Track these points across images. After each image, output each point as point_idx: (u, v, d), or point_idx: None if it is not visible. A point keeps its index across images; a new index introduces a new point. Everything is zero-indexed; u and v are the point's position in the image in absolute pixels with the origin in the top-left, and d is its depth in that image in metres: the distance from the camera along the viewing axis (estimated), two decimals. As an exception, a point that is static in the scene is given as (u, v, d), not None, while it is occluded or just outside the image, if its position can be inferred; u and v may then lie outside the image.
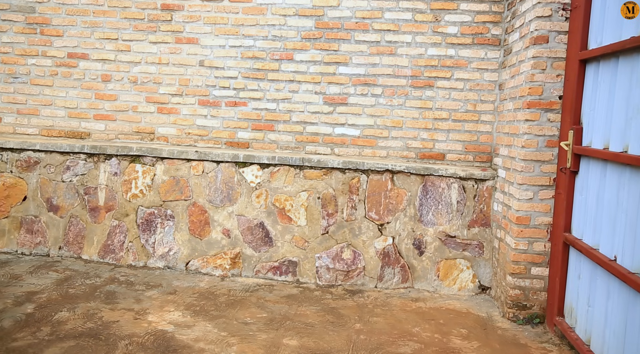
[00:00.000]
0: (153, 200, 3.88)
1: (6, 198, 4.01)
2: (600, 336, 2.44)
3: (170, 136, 4.11)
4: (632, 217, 2.21)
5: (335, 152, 3.98)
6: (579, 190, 2.81)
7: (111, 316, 2.92)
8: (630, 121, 2.25)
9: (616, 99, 2.41)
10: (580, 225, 2.79)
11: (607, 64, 2.54)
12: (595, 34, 2.69)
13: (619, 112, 2.37)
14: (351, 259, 3.69)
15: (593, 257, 2.50)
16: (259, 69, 3.99)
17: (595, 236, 2.58)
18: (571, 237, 2.83)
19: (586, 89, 2.78)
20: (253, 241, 3.79)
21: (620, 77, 2.37)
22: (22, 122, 4.23)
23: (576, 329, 2.75)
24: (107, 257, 3.93)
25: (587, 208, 2.71)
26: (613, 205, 2.40)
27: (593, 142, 2.66)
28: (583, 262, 2.71)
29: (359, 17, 3.86)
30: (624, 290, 2.21)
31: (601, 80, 2.60)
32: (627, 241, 2.24)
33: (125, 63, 4.11)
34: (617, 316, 2.28)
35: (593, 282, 2.56)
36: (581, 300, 2.71)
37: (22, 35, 4.17)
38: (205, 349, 2.58)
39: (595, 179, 2.62)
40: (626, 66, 2.31)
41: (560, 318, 2.92)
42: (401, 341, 2.81)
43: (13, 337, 2.59)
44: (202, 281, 3.63)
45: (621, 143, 2.33)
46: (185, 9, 4.02)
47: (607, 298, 2.39)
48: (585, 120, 2.78)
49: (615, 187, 2.38)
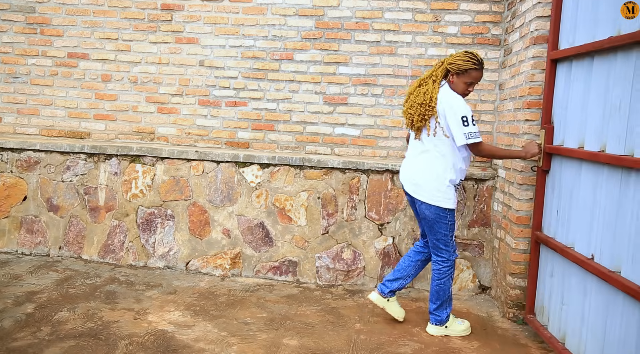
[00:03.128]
0: (153, 200, 3.89)
1: (6, 198, 4.01)
2: (577, 335, 2.43)
3: (170, 136, 4.11)
4: (610, 216, 2.21)
5: (336, 152, 3.98)
6: (551, 189, 2.82)
7: (111, 316, 2.92)
8: (608, 120, 2.24)
9: (592, 98, 2.41)
10: (552, 224, 2.80)
11: (580, 64, 2.54)
12: (567, 34, 2.70)
13: (595, 112, 2.36)
14: (351, 259, 3.69)
15: (568, 256, 2.51)
16: (259, 69, 3.99)
17: (570, 235, 2.58)
18: (543, 236, 2.84)
19: (557, 89, 2.80)
20: (253, 241, 3.79)
21: (596, 77, 2.37)
22: (22, 122, 4.23)
23: (549, 328, 2.75)
24: (107, 257, 3.93)
25: (560, 207, 2.70)
26: (589, 204, 2.40)
27: (566, 142, 2.67)
28: (556, 260, 2.71)
29: (359, 17, 3.86)
30: (603, 288, 2.21)
31: (574, 79, 2.60)
32: (605, 240, 2.24)
33: (125, 63, 4.12)
34: (595, 314, 2.27)
35: (567, 280, 2.57)
36: (554, 298, 2.72)
37: (22, 35, 4.17)
38: (205, 349, 2.58)
39: (569, 178, 2.62)
40: (603, 66, 2.31)
41: (532, 316, 2.94)
42: (401, 341, 2.81)
43: (13, 337, 2.59)
44: (202, 281, 3.63)
45: (598, 142, 2.32)
46: (185, 9, 4.02)
47: (584, 296, 2.39)
48: (557, 119, 2.79)
49: (592, 187, 2.38)
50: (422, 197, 2.78)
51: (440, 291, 2.86)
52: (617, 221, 2.15)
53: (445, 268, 2.84)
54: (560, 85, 2.77)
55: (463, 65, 2.67)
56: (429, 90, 2.71)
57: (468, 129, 2.63)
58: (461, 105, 2.65)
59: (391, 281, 3.00)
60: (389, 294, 3.01)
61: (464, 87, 2.72)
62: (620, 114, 2.15)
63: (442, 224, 2.79)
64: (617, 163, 2.10)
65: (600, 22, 2.34)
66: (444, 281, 2.85)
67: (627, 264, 2.06)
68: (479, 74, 2.70)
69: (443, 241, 2.82)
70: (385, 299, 3.01)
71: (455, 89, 2.73)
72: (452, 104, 2.66)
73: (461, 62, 2.67)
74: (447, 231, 2.80)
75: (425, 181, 2.77)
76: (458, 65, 2.68)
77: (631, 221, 2.05)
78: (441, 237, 2.82)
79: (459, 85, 2.72)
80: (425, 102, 2.70)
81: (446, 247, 2.83)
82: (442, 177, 2.74)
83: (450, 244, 2.84)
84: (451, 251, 2.84)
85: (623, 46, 2.13)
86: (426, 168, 2.78)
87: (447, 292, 2.86)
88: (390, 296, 3.02)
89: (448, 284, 2.86)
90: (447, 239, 2.82)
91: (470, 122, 2.63)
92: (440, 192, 2.74)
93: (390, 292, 3.01)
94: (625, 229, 2.08)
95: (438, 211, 2.76)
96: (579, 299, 2.45)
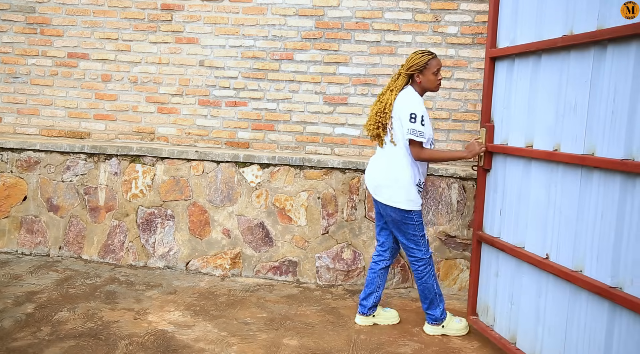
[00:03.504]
0: (153, 200, 3.89)
1: (6, 198, 4.01)
2: (531, 334, 2.41)
3: (170, 136, 4.12)
4: (568, 215, 2.19)
5: (336, 152, 3.98)
6: (493, 188, 2.78)
7: (111, 316, 2.92)
8: (562, 119, 2.22)
9: (541, 97, 2.37)
10: (495, 223, 2.75)
11: (525, 62, 2.50)
12: (507, 32, 2.66)
13: (546, 111, 2.33)
14: (351, 259, 3.69)
15: (519, 256, 2.47)
16: (259, 69, 3.99)
17: (519, 235, 2.54)
18: (486, 236, 2.79)
19: (497, 87, 2.75)
20: (253, 241, 3.79)
21: (547, 76, 2.34)
22: (22, 122, 4.23)
23: (496, 328, 2.72)
24: (107, 257, 3.93)
25: (504, 206, 2.67)
26: (542, 203, 2.36)
27: (510, 140, 2.62)
28: (503, 260, 2.66)
29: (359, 17, 3.86)
30: (563, 288, 2.19)
31: (518, 78, 2.56)
32: (562, 239, 2.22)
33: (125, 63, 4.12)
34: (554, 313, 2.26)
35: (518, 280, 2.53)
36: (501, 298, 2.68)
37: (22, 35, 4.17)
38: (205, 349, 2.58)
39: (515, 177, 2.57)
40: (553, 65, 2.29)
41: (474, 317, 2.91)
42: (401, 341, 2.81)
43: (13, 337, 2.59)
44: (202, 281, 3.63)
45: (551, 142, 2.29)
46: (185, 9, 4.02)
47: (538, 295, 2.37)
48: (497, 117, 2.75)
49: (545, 186, 2.34)
50: (385, 199, 2.79)
51: (426, 290, 2.85)
52: (578, 220, 2.12)
53: (422, 266, 2.83)
54: (500, 83, 2.72)
55: (422, 61, 2.74)
56: (384, 99, 2.79)
57: (414, 126, 2.65)
58: (415, 104, 2.70)
59: (366, 299, 3.00)
60: (371, 310, 3.01)
61: (434, 78, 2.77)
62: (577, 113, 2.13)
63: (409, 225, 2.79)
64: (580, 162, 2.08)
65: (547, 21, 2.32)
66: (426, 279, 2.84)
67: (590, 263, 2.05)
68: (437, 60, 2.77)
69: (413, 241, 2.82)
70: (370, 317, 3.01)
71: (428, 85, 2.78)
72: (406, 103, 2.71)
73: (418, 60, 2.75)
74: (415, 232, 2.80)
75: (386, 183, 2.79)
76: (417, 64, 2.74)
77: (595, 220, 2.03)
78: (410, 238, 2.81)
79: (429, 79, 2.77)
80: (381, 110, 2.78)
81: (417, 246, 2.82)
82: (402, 179, 2.75)
83: (421, 244, 2.83)
84: (423, 250, 2.83)
85: (578, 45, 2.11)
86: (387, 171, 2.80)
87: (432, 289, 2.85)
88: (374, 311, 3.02)
89: (430, 281, 2.84)
90: (417, 239, 2.82)
91: (419, 121, 2.65)
92: (401, 195, 2.75)
93: (370, 309, 3.00)
94: (589, 228, 2.06)
95: (402, 213, 2.76)
96: (532, 299, 2.42)
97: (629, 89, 1.87)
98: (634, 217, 1.85)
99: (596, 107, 2.03)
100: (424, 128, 2.67)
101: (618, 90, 1.92)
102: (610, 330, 1.94)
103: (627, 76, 1.88)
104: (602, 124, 2.00)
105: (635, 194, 1.85)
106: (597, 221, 2.02)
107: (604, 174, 1.99)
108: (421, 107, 2.71)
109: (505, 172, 2.66)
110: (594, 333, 2.01)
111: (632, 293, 1.84)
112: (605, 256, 1.98)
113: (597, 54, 2.03)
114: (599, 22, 2.02)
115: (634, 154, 1.86)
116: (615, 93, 1.93)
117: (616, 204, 1.93)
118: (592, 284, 2.00)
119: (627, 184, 1.88)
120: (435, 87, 2.82)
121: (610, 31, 1.92)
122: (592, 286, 2.00)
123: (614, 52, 1.95)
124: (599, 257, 2.01)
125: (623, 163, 1.86)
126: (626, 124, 1.88)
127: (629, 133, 1.87)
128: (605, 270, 1.97)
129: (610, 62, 1.97)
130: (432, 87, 2.80)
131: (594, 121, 2.04)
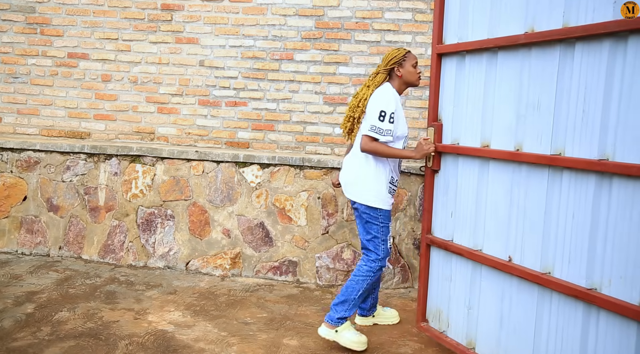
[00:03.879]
0: (153, 200, 3.89)
1: (6, 198, 4.01)
2: (493, 338, 2.32)
3: (170, 136, 4.12)
4: (533, 217, 2.12)
5: (336, 152, 3.98)
6: (443, 190, 2.64)
7: (111, 316, 2.92)
8: (524, 119, 2.15)
9: (499, 96, 2.28)
10: (447, 226, 2.62)
11: (478, 59, 2.39)
12: (455, 28, 2.55)
13: (505, 110, 2.25)
14: (351, 259, 3.69)
15: (478, 259, 2.37)
16: (259, 69, 3.99)
17: (476, 237, 2.42)
18: (437, 239, 2.64)
19: (446, 84, 2.62)
20: (253, 241, 3.79)
21: (505, 74, 2.25)
22: (22, 122, 4.23)
23: (450, 334, 2.59)
24: (107, 257, 3.93)
25: (457, 208, 2.54)
26: (503, 205, 2.27)
27: (463, 140, 2.50)
28: (458, 263, 2.54)
29: (359, 17, 3.87)
30: (533, 290, 2.12)
31: (470, 75, 2.44)
32: (527, 241, 2.15)
33: (125, 63, 4.12)
34: (520, 316, 2.19)
35: (476, 283, 2.43)
36: (456, 303, 2.56)
37: (22, 35, 4.17)
38: (205, 349, 2.58)
39: (470, 179, 2.46)
40: (512, 62, 2.21)
41: (425, 324, 2.75)
42: (401, 341, 2.81)
43: (13, 337, 2.59)
44: (202, 281, 3.63)
45: (512, 141, 2.21)
46: (185, 9, 4.02)
47: (501, 299, 2.28)
48: (446, 116, 2.61)
49: (506, 187, 2.25)
50: (353, 196, 2.72)
51: (350, 288, 2.66)
52: (545, 221, 2.06)
53: (366, 268, 2.69)
54: (449, 81, 2.60)
55: (400, 54, 2.71)
56: (360, 95, 2.74)
57: (378, 123, 2.58)
58: (387, 101, 2.61)
59: (363, 301, 2.96)
60: (370, 311, 2.99)
61: (414, 70, 2.74)
62: (541, 112, 2.07)
63: (372, 225, 2.68)
64: (549, 163, 2.02)
65: (503, 18, 2.24)
66: (358, 280, 2.67)
67: (561, 264, 1.99)
68: (412, 54, 2.75)
69: (373, 243, 2.69)
70: (370, 317, 2.99)
71: (409, 77, 2.74)
72: (378, 100, 2.63)
73: (396, 53, 2.71)
74: (377, 234, 2.68)
75: (354, 180, 2.73)
76: (396, 57, 2.71)
77: (566, 221, 1.98)
78: (371, 238, 2.70)
79: (410, 71, 2.73)
80: (355, 105, 2.73)
81: (375, 250, 2.69)
82: (371, 176, 2.68)
83: (380, 249, 2.69)
84: (380, 257, 2.69)
85: (540, 43, 2.06)
86: (357, 167, 2.73)
87: (354, 293, 2.66)
88: (373, 311, 3.00)
89: (359, 286, 2.66)
90: (377, 243, 2.69)
91: (387, 120, 2.58)
92: (369, 191, 2.67)
93: (369, 310, 2.98)
94: (559, 229, 2.01)
95: (369, 210, 2.67)
96: (494, 303, 2.33)
97: (602, 88, 1.83)
98: (611, 217, 1.82)
99: (564, 107, 1.98)
100: (389, 125, 2.58)
101: (589, 89, 1.88)
102: (585, 331, 1.91)
103: (599, 75, 1.84)
104: (571, 123, 1.95)
105: (612, 194, 1.81)
106: (567, 222, 1.97)
107: (576, 175, 1.94)
108: (393, 104, 2.61)
109: (458, 173, 2.54)
110: (567, 334, 1.98)
111: (611, 294, 1.81)
112: (578, 258, 1.93)
113: (563, 51, 1.98)
114: (564, 19, 1.97)
115: (608, 154, 1.82)
116: (586, 92, 1.89)
117: (590, 204, 1.88)
118: (565, 286, 1.94)
119: (602, 184, 1.84)
120: (416, 80, 2.76)
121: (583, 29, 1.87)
122: (565, 288, 1.95)
123: (583, 50, 1.90)
124: (570, 258, 1.96)
125: (601, 163, 1.82)
126: (600, 124, 1.84)
127: (603, 132, 1.83)
128: (579, 272, 1.92)
129: (580, 60, 1.91)
130: (414, 79, 2.75)
131: (562, 121, 1.99)
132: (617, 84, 1.80)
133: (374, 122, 2.59)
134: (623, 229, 1.79)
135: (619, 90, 1.80)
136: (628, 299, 1.76)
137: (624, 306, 1.75)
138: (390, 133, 2.60)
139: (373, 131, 2.58)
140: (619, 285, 1.80)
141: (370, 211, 2.68)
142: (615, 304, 1.78)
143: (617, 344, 1.80)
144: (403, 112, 2.75)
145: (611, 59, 1.82)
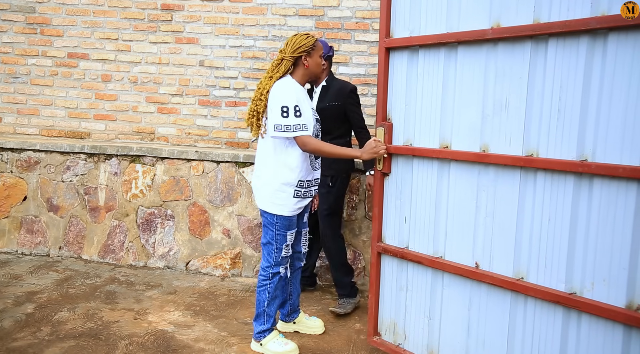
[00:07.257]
0: (153, 200, 3.89)
1: (6, 198, 4.01)
2: (459, 348, 2.22)
3: (170, 136, 4.12)
4: (503, 221, 2.02)
5: (336, 152, 3.97)
6: (395, 194, 2.45)
7: (111, 316, 2.92)
8: (490, 118, 2.04)
9: (460, 94, 2.15)
10: (400, 233, 2.44)
11: (434, 54, 2.23)
12: (406, 21, 2.35)
13: (467, 109, 2.12)
14: (351, 259, 3.69)
15: (439, 266, 2.24)
16: (259, 69, 3.99)
17: (436, 244, 2.28)
18: (390, 247, 2.45)
19: (396, 81, 2.41)
20: (253, 241, 3.79)
21: (467, 71, 2.12)
22: (22, 122, 4.23)
23: (407, 346, 2.44)
24: (107, 257, 3.93)
25: (412, 214, 2.37)
26: (468, 209, 2.14)
27: (417, 141, 2.33)
28: (414, 272, 2.38)
29: (359, 17, 3.87)
30: (505, 297, 2.04)
31: (425, 72, 2.28)
32: (496, 246, 2.05)
33: (125, 63, 4.12)
34: (490, 324, 2.11)
35: (436, 292, 2.30)
36: (413, 313, 2.40)
37: (22, 35, 4.17)
38: (205, 349, 2.58)
39: (427, 182, 2.31)
40: (476, 60, 2.09)
41: (378, 338, 2.55)
42: (401, 341, 2.80)
43: (13, 337, 2.59)
44: (202, 281, 3.63)
45: (476, 142, 2.10)
46: (185, 9, 4.02)
47: (468, 307, 2.17)
48: (397, 115, 2.41)
49: (471, 190, 2.13)
50: (256, 199, 2.56)
51: (258, 300, 2.58)
52: (518, 225, 1.97)
53: (262, 277, 2.57)
54: (399, 77, 2.40)
55: (309, 42, 2.46)
56: (261, 86, 2.47)
57: (283, 121, 2.35)
58: (288, 94, 2.39)
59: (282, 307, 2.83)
60: (290, 317, 2.85)
61: (320, 61, 2.53)
62: (510, 112, 1.97)
63: (268, 230, 2.51)
64: (524, 164, 1.92)
65: (464, 12, 2.11)
66: (260, 291, 2.56)
67: (537, 269, 1.93)
68: (320, 43, 2.54)
69: (267, 248, 2.54)
70: (291, 323, 2.86)
71: (316, 69, 2.52)
72: (279, 94, 2.40)
73: (305, 41, 2.45)
74: (272, 240, 2.51)
75: (259, 183, 2.53)
76: (305, 45, 2.45)
77: (541, 225, 1.90)
78: (266, 243, 2.54)
79: (317, 62, 2.51)
80: (257, 97, 2.47)
81: (268, 256, 2.54)
82: (273, 179, 2.47)
83: (272, 256, 2.53)
84: (271, 264, 2.54)
85: (508, 39, 1.96)
86: (260, 169, 2.53)
87: (262, 305, 2.56)
88: (295, 317, 2.85)
89: (263, 297, 2.56)
90: (270, 249, 2.52)
91: (292, 114, 2.35)
92: (265, 195, 2.48)
93: (288, 316, 2.84)
94: (533, 233, 1.93)
95: (266, 214, 2.51)
96: (459, 311, 2.21)
97: (580, 87, 1.76)
98: (592, 219, 1.76)
99: (536, 106, 1.89)
100: (299, 120, 2.36)
101: (564, 88, 1.80)
102: (565, 336, 1.86)
103: (577, 73, 1.76)
104: (545, 123, 1.87)
105: (593, 196, 1.75)
106: (543, 226, 1.89)
107: (552, 176, 1.86)
108: (293, 96, 2.39)
109: (413, 176, 2.36)
110: (544, 340, 1.93)
111: (594, 297, 1.76)
112: (555, 262, 1.87)
113: (535, 48, 1.89)
114: (535, 15, 1.89)
115: (586, 155, 1.76)
116: (561, 91, 1.81)
117: (569, 206, 1.81)
118: (542, 291, 1.88)
119: (581, 185, 1.78)
120: (321, 72, 2.59)
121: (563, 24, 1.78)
122: (542, 293, 1.88)
123: (557, 47, 1.82)
124: (547, 263, 1.90)
125: (583, 164, 1.75)
126: (578, 123, 1.77)
127: (582, 132, 1.77)
128: (557, 276, 1.86)
129: (553, 57, 1.83)
130: (319, 71, 2.55)
131: (534, 121, 1.90)
132: (596, 82, 1.74)
133: (277, 121, 2.37)
134: (606, 230, 1.73)
135: (598, 88, 1.73)
136: (613, 302, 1.72)
137: (609, 309, 1.71)
138: (303, 128, 2.37)
139: (279, 130, 2.37)
140: (602, 288, 1.75)
141: (266, 215, 2.52)
142: (599, 308, 1.73)
143: (600, 349, 1.76)
144: (307, 104, 2.51)
145: (589, 57, 1.75)
